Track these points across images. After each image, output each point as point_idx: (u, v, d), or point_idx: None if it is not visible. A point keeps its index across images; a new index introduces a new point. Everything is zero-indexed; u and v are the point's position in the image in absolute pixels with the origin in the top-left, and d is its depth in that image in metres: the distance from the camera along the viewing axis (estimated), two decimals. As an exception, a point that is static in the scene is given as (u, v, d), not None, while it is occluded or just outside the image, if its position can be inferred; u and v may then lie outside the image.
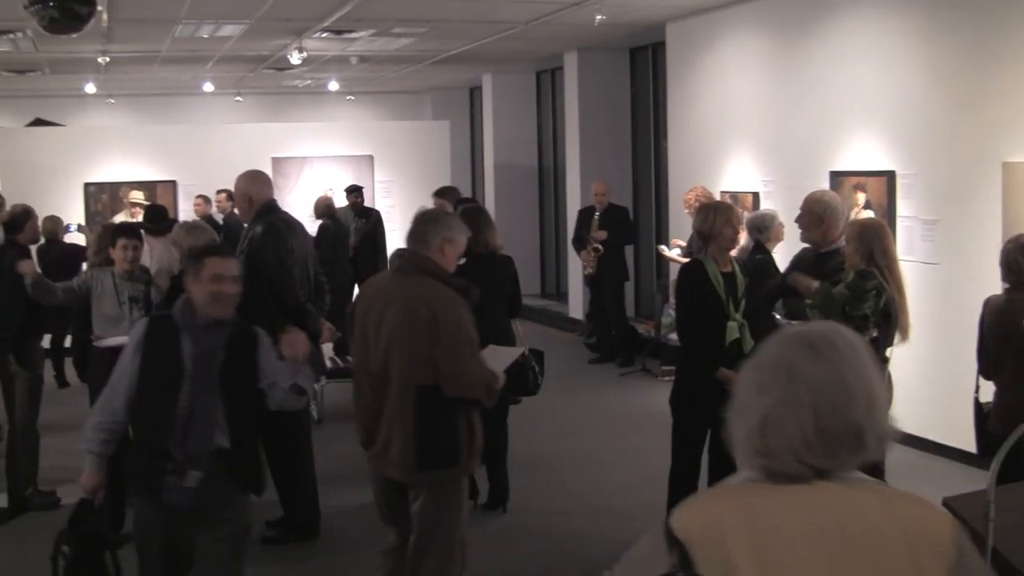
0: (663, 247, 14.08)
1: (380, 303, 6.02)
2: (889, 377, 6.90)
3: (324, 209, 15.36)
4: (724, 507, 2.58)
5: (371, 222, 16.46)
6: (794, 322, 7.43)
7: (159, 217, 10.80)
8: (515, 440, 9.35)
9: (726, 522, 2.53)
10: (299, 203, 16.49)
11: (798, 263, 8.18)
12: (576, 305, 18.46)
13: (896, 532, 2.51)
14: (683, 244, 12.95)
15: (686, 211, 12.13)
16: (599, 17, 13.62)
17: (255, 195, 8.45)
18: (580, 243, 15.38)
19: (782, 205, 11.10)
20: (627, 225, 15.64)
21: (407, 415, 5.84)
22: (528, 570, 8.13)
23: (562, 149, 20.33)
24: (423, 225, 6.18)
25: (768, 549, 2.49)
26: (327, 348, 11.15)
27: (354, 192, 16.59)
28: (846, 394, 2.55)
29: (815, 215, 7.85)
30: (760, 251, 9.61)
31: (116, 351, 8.21)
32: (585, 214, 15.67)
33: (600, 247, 14.87)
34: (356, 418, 6.21)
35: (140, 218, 13.53)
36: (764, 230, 9.89)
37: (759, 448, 2.58)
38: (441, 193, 11.68)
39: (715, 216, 7.69)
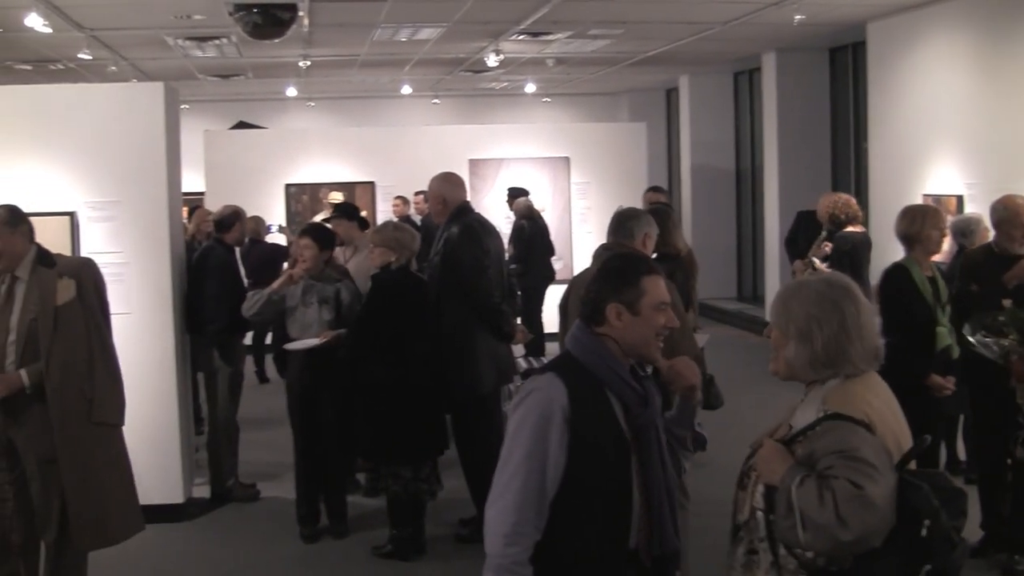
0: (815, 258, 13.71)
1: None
2: None
3: (524, 211, 15.38)
4: (862, 397, 3.61)
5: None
6: (989, 339, 7.20)
7: (352, 209, 10.93)
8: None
9: (869, 405, 3.59)
10: (496, 205, 16.51)
11: (973, 268, 7.92)
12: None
13: None
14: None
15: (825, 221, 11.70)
16: (798, 17, 13.38)
17: (449, 197, 8.50)
18: (795, 247, 14.70)
19: (987, 209, 10.72)
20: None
21: None
22: None
23: (760, 151, 20.03)
24: (629, 221, 6.75)
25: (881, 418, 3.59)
26: (517, 349, 11.15)
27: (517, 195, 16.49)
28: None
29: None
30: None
31: (306, 352, 8.41)
32: (806, 219, 14.93)
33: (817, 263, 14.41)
34: None
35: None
36: (969, 234, 9.56)
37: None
38: (655, 190, 11.71)
39: (923, 219, 7.46)
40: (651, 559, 3.91)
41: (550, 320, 15.52)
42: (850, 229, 11.12)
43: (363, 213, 17.25)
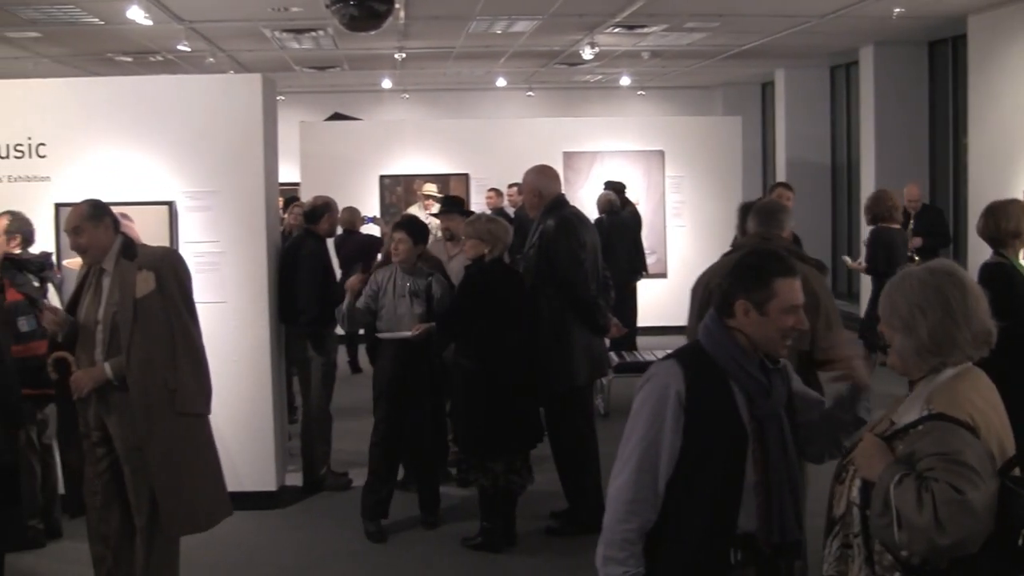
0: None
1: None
2: None
3: (606, 205, 15.32)
4: (968, 397, 3.53)
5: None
6: None
7: (461, 203, 10.96)
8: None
9: (974, 406, 3.50)
10: (591, 198, 16.46)
11: None
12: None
13: None
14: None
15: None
16: (897, 10, 13.22)
17: (545, 189, 8.49)
18: None
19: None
20: (943, 228, 14.95)
21: None
22: None
23: (856, 146, 19.80)
24: (780, 213, 7.03)
25: (986, 420, 3.51)
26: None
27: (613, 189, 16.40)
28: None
29: None
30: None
31: (397, 343, 8.42)
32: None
33: (915, 256, 14.27)
34: None
35: (433, 210, 13.74)
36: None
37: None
38: (783, 186, 11.62)
39: (1021, 214, 7.27)
40: (770, 547, 3.91)
41: (642, 315, 15.52)
42: (884, 225, 10.99)
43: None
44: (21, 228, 8.39)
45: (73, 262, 8.61)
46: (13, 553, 6.78)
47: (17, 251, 8.27)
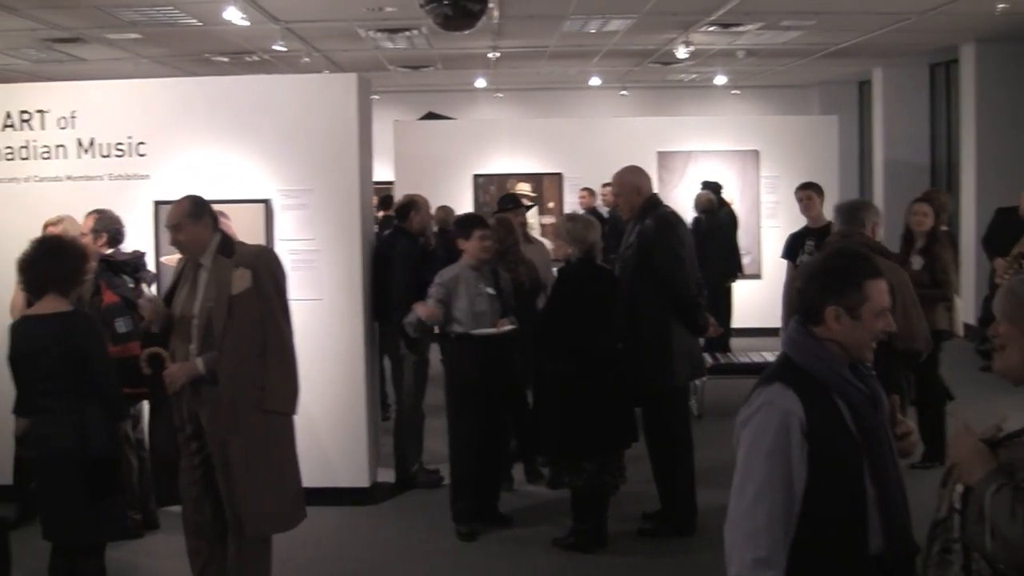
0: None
1: None
2: None
3: (706, 204, 15.24)
4: None
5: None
6: None
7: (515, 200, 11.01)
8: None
9: None
10: (685, 198, 16.36)
11: None
12: (968, 309, 17.65)
13: None
14: None
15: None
16: (1001, 6, 12.98)
17: (643, 187, 8.47)
18: (994, 246, 14.10)
19: None
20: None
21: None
22: None
23: (956, 146, 19.50)
24: (860, 211, 7.36)
25: None
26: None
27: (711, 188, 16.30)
28: None
29: None
30: None
31: (479, 343, 8.40)
32: (1005, 215, 14.38)
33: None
34: None
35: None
36: None
37: None
38: (803, 187, 11.56)
39: None
40: (896, 562, 3.71)
41: (736, 316, 15.43)
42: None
43: (550, 205, 17.36)
44: (107, 227, 8.49)
45: (170, 258, 8.73)
46: (112, 543, 6.86)
47: (105, 250, 8.38)
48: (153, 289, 8.63)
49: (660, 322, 8.10)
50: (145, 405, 8.03)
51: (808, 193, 11.40)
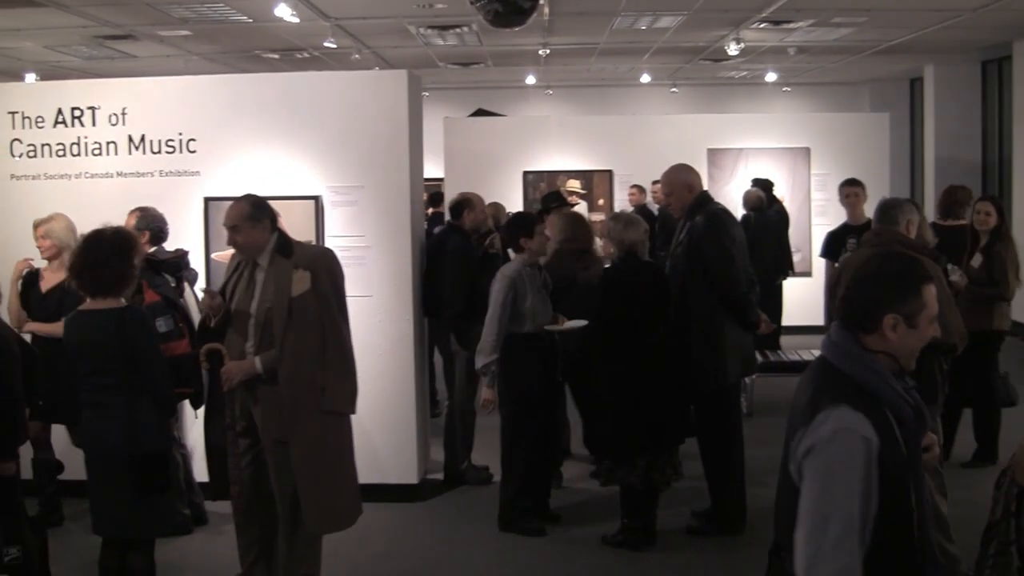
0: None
1: None
2: None
3: (755, 202, 15.15)
4: None
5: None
6: None
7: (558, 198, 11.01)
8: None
9: None
10: (735, 195, 16.27)
11: None
12: (1020, 308, 17.47)
13: None
14: None
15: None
16: (1056, 2, 12.85)
17: (694, 185, 8.43)
18: None
19: None
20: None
21: None
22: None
23: (1009, 144, 19.32)
24: (892, 209, 7.31)
25: None
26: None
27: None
28: None
29: None
30: None
31: (534, 341, 8.38)
32: None
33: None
34: None
35: (577, 206, 13.75)
36: None
37: None
38: (850, 183, 11.50)
39: None
40: None
41: (786, 314, 15.34)
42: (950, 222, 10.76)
43: (600, 202, 17.31)
44: (150, 224, 8.53)
45: (221, 254, 8.76)
46: (162, 538, 6.89)
47: (148, 248, 8.41)
48: (198, 287, 8.65)
49: (712, 319, 8.06)
50: (186, 404, 8.09)
51: (855, 190, 11.35)
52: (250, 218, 6.58)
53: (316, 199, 9.22)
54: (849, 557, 3.34)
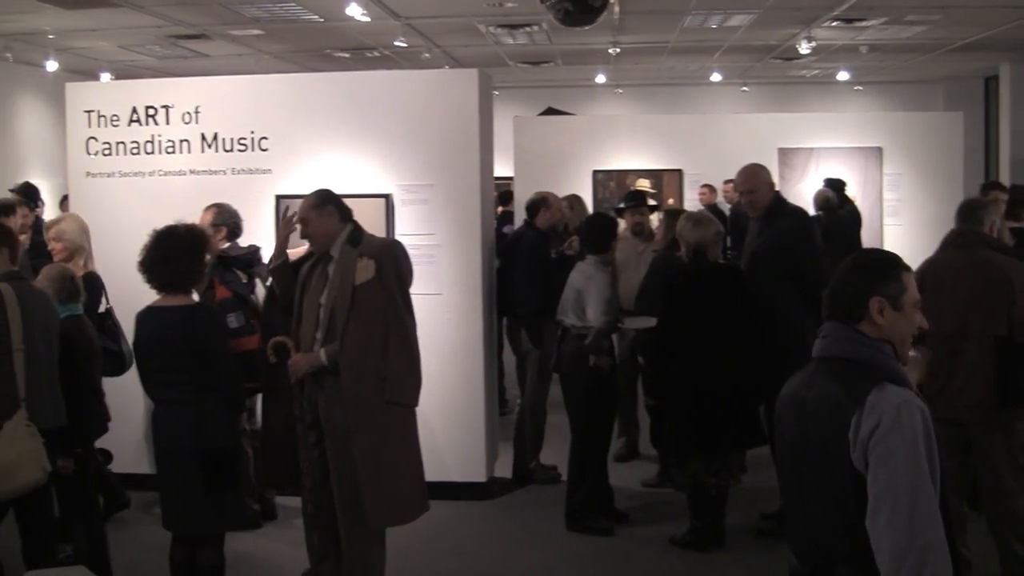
0: None
1: (949, 275, 6.72)
2: None
3: (824, 202, 15.04)
4: None
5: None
6: None
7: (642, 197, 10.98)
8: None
9: None
10: (807, 195, 16.14)
11: None
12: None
13: None
14: None
15: None
16: None
17: (773, 185, 8.42)
18: None
19: None
20: None
21: (987, 363, 6.56)
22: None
23: (1086, 143, 19.05)
24: (979, 210, 7.14)
25: None
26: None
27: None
28: None
29: None
30: None
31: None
32: None
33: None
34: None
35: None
36: None
37: None
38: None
39: None
40: None
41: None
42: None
43: (670, 201, 17.24)
44: (226, 221, 8.61)
45: (294, 252, 8.81)
46: (231, 533, 6.94)
47: (223, 244, 8.47)
48: (262, 290, 8.73)
49: (800, 322, 7.97)
50: (259, 398, 8.15)
51: (995, 194, 11.12)
52: (315, 207, 6.67)
53: (387, 197, 9.26)
54: (940, 528, 3.35)
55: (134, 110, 9.60)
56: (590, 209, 13.06)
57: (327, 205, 6.69)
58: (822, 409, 3.64)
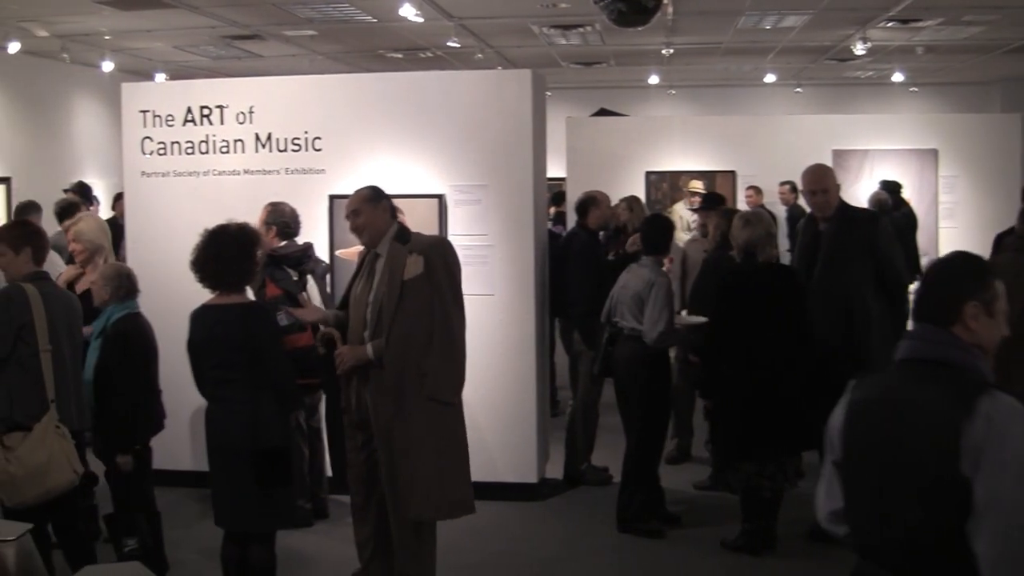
0: None
1: (1009, 278, 6.44)
2: None
3: (876, 204, 14.93)
4: None
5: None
6: None
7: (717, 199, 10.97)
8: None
9: None
10: (862, 197, 16.03)
11: None
12: None
13: None
14: None
15: None
16: None
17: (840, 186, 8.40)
18: None
19: None
20: None
21: None
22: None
23: None
24: None
25: None
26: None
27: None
28: None
29: None
30: None
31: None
32: None
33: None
34: None
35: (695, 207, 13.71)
36: None
37: None
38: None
39: None
40: None
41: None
42: None
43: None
44: (276, 220, 8.63)
45: (346, 251, 8.85)
46: (283, 531, 6.97)
47: (277, 243, 8.51)
48: (327, 281, 8.74)
49: (887, 325, 7.90)
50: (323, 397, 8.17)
51: None
52: (369, 200, 6.68)
53: (440, 198, 9.27)
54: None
55: (189, 110, 9.66)
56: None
57: (382, 200, 6.73)
58: (924, 414, 3.53)
